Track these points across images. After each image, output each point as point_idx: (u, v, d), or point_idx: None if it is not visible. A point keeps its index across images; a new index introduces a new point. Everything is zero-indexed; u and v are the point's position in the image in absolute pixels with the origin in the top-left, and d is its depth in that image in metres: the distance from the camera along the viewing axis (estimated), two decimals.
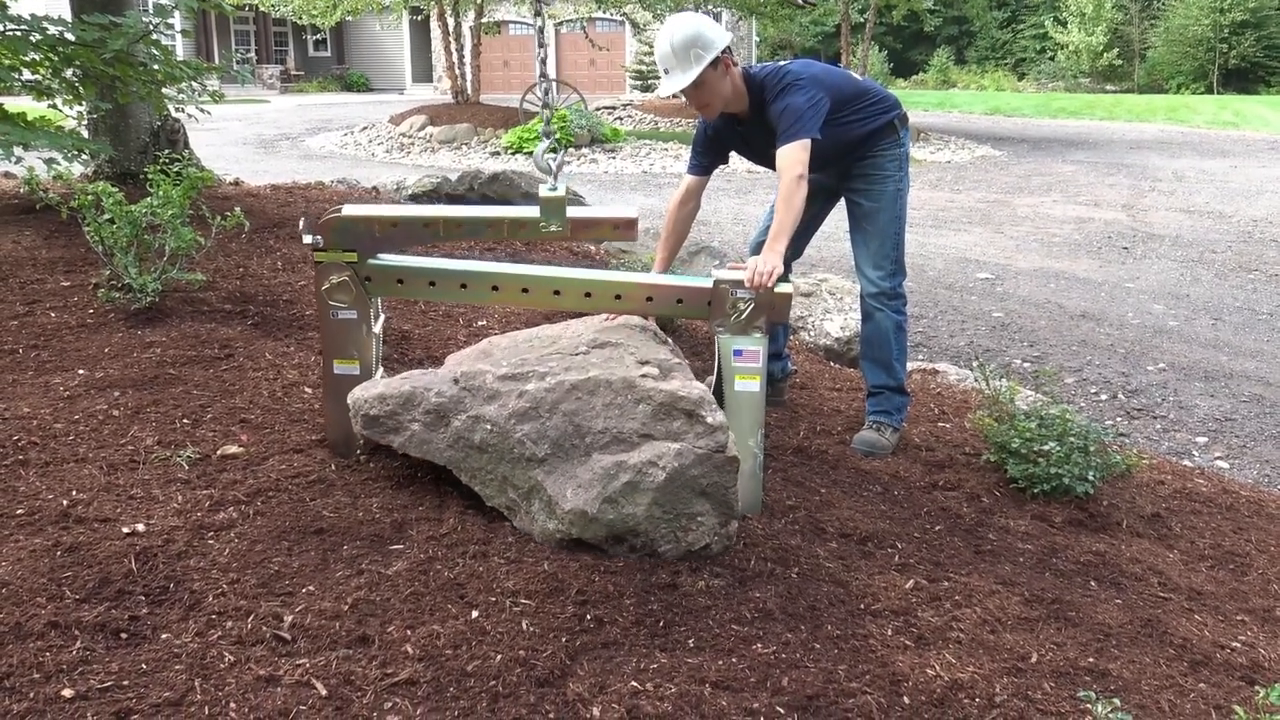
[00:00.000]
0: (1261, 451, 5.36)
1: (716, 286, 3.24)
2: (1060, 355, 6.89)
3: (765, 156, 3.85)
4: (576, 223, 3.26)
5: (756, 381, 3.24)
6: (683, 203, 3.95)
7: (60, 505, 2.78)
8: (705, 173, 4.00)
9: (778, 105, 3.67)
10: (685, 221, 3.98)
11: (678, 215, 3.95)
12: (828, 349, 5.66)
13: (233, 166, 10.51)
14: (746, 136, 3.92)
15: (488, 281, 3.35)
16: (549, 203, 3.17)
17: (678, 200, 3.96)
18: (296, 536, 2.76)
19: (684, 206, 3.95)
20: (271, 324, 4.33)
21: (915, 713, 2.34)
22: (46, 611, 2.33)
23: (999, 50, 49.56)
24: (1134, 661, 2.71)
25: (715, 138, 3.98)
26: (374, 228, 3.23)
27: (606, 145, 18.50)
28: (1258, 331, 7.59)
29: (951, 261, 9.71)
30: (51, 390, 3.53)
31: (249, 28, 38.83)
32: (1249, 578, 3.46)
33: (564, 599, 2.58)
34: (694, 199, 3.97)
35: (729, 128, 3.92)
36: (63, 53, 5.50)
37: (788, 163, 3.55)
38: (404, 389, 3.00)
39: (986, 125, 26.99)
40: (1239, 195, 14.30)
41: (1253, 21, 38.12)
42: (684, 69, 3.61)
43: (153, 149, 6.52)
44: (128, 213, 4.18)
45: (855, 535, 3.20)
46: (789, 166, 3.54)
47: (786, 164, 3.55)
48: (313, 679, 2.21)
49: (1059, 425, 3.78)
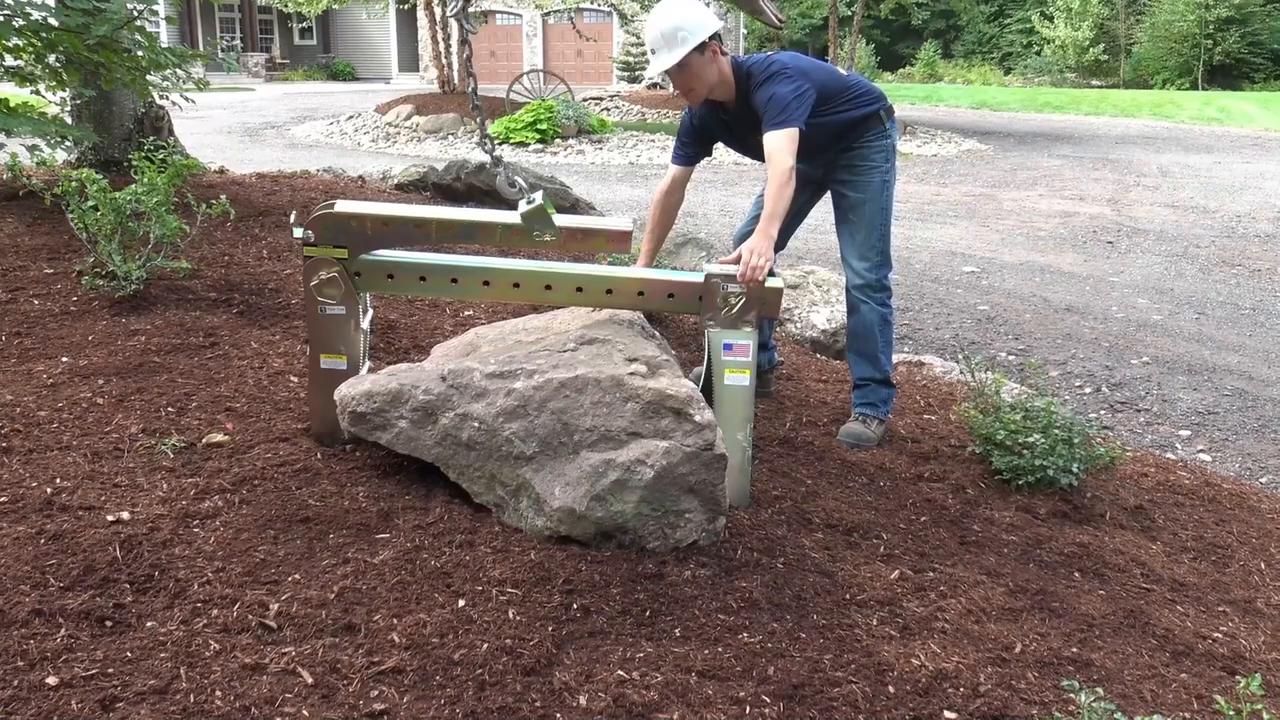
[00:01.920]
0: (1243, 445, 5.40)
1: (708, 281, 3.24)
2: (1045, 348, 6.92)
3: (749, 145, 3.84)
4: (570, 232, 3.29)
5: (746, 376, 3.25)
6: (668, 193, 3.95)
7: (44, 493, 2.77)
8: (690, 163, 4.00)
9: (763, 93, 3.66)
10: (671, 212, 3.98)
11: (663, 205, 3.95)
12: (814, 341, 5.67)
13: (218, 155, 10.44)
14: (731, 124, 3.91)
15: (479, 276, 3.34)
16: (530, 215, 3.18)
17: (663, 191, 3.95)
18: (282, 525, 2.75)
19: (669, 197, 3.95)
20: (257, 312, 4.31)
21: (900, 702, 2.35)
22: (30, 599, 2.31)
23: (986, 44, 49.63)
24: (1117, 652, 2.73)
25: (700, 127, 3.97)
26: (366, 225, 3.22)
27: (593, 136, 18.47)
28: (1240, 326, 7.64)
29: (937, 255, 9.74)
30: (35, 378, 3.50)
31: (234, 15, 38.60)
32: (1231, 569, 3.49)
33: (551, 588, 2.59)
34: (679, 189, 3.97)
35: (714, 116, 3.90)
36: (46, 38, 5.45)
37: (778, 151, 3.55)
38: (391, 386, 2.99)
39: (973, 119, 27.05)
40: (1223, 190, 14.38)
41: (1238, 18, 38.27)
42: (670, 50, 3.61)
43: (137, 136, 6.46)
44: (112, 200, 4.15)
45: (841, 526, 3.21)
46: (780, 155, 3.54)
47: (777, 152, 3.55)
48: (299, 667, 2.20)
49: (1044, 418, 3.80)
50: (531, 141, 17.51)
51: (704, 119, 3.93)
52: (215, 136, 17.70)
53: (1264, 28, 38.86)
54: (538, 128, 17.73)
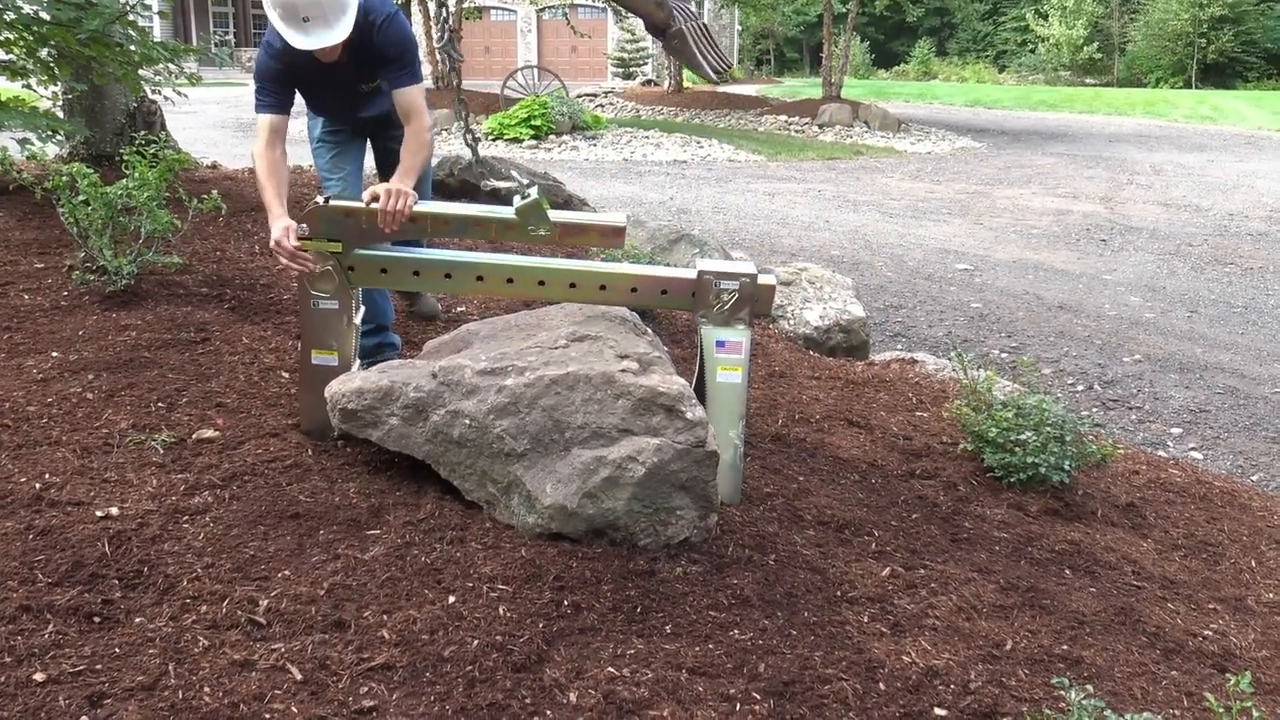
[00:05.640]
0: (1235, 442, 5.41)
1: (700, 278, 3.24)
2: (1038, 346, 6.93)
3: (348, 98, 3.64)
4: (565, 228, 3.31)
5: (739, 373, 3.24)
6: (272, 146, 3.43)
7: (33, 488, 2.76)
8: (287, 110, 3.52)
9: (391, 36, 3.42)
10: (283, 162, 3.47)
11: (273, 158, 3.42)
12: (807, 338, 5.67)
13: (210, 149, 10.41)
14: (333, 71, 3.46)
15: (472, 271, 3.34)
16: (525, 210, 3.19)
17: (266, 144, 3.43)
18: (272, 521, 2.75)
19: (275, 150, 3.44)
20: (248, 308, 4.30)
21: (890, 699, 2.35)
22: (18, 595, 2.31)
23: (980, 42, 49.69)
24: (1107, 649, 2.73)
25: (288, 71, 3.46)
26: (361, 219, 3.22)
27: (588, 132, 18.44)
28: (1232, 324, 7.65)
29: (931, 252, 9.74)
30: (24, 373, 3.49)
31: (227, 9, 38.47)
32: (1221, 567, 3.50)
33: (541, 585, 2.58)
34: (282, 140, 3.49)
35: (309, 61, 3.38)
36: (38, 32, 5.43)
37: (421, 106, 3.47)
38: (382, 383, 2.98)
39: (967, 117, 27.06)
40: (1215, 189, 14.40)
41: (1231, 17, 38.35)
42: (343, 14, 3.25)
43: (129, 131, 6.43)
44: (103, 194, 4.14)
45: (833, 523, 3.21)
46: (425, 111, 3.47)
47: (421, 107, 3.47)
48: (288, 663, 2.20)
49: (1036, 415, 3.80)
50: (525, 138, 17.48)
51: (293, 64, 3.41)
52: (208, 131, 17.63)
53: (1257, 26, 38.97)
54: (532, 124, 17.70)
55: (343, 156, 3.88)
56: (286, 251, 3.19)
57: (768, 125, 22.23)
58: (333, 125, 3.90)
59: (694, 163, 16.42)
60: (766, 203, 11.82)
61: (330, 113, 3.84)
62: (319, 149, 3.91)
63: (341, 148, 3.89)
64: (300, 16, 3.20)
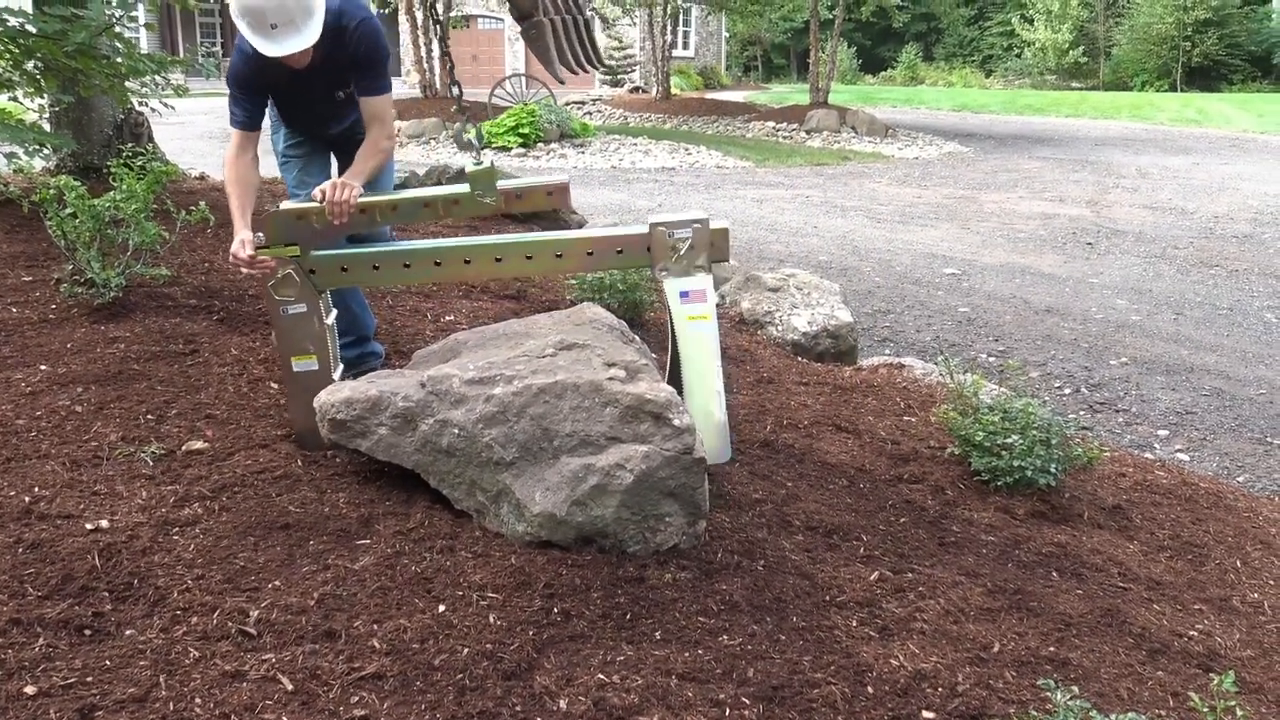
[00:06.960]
0: (1221, 444, 5.45)
1: (653, 231, 3.26)
2: (1025, 349, 6.96)
3: (320, 106, 3.63)
4: (509, 194, 3.33)
5: (709, 321, 3.25)
6: (242, 152, 3.47)
7: (22, 502, 2.76)
8: (258, 125, 3.53)
9: (364, 38, 3.42)
10: (252, 169, 3.51)
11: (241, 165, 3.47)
12: (795, 343, 5.69)
13: (198, 161, 10.38)
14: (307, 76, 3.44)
15: (429, 257, 3.38)
16: (478, 176, 3.24)
17: (236, 152, 3.46)
18: (262, 532, 2.75)
19: (244, 156, 3.48)
20: (237, 319, 4.30)
21: (879, 702, 2.37)
22: (8, 608, 2.31)
23: (966, 47, 49.85)
24: (1094, 650, 2.75)
25: (261, 75, 3.42)
26: (312, 219, 3.26)
27: (576, 140, 18.47)
28: (1218, 326, 7.70)
29: (918, 257, 9.78)
30: (13, 386, 3.49)
31: (214, 20, 38.38)
32: (1207, 568, 3.53)
33: (531, 592, 2.59)
34: (253, 146, 3.52)
35: (276, 68, 3.34)
36: (24, 45, 5.43)
37: (389, 116, 3.53)
38: (370, 393, 2.99)
39: (954, 122, 27.16)
40: (1201, 192, 14.48)
41: (1215, 20, 38.53)
42: (310, 17, 3.22)
43: (116, 143, 6.43)
44: (90, 207, 4.14)
45: (821, 528, 3.23)
46: (387, 120, 3.51)
47: (385, 116, 3.51)
48: (279, 674, 2.20)
49: (1022, 419, 3.82)
50: (513, 146, 17.50)
51: (264, 67, 3.35)
52: (195, 142, 17.61)
53: (1241, 30, 39.15)
54: (520, 132, 17.72)
55: (308, 171, 3.89)
56: (243, 261, 3.26)
57: (755, 131, 22.28)
58: (295, 138, 3.89)
59: (682, 169, 16.44)
60: (755, 209, 11.86)
61: (301, 123, 3.83)
62: (285, 165, 3.93)
63: (306, 161, 3.90)
64: (268, 24, 3.17)
